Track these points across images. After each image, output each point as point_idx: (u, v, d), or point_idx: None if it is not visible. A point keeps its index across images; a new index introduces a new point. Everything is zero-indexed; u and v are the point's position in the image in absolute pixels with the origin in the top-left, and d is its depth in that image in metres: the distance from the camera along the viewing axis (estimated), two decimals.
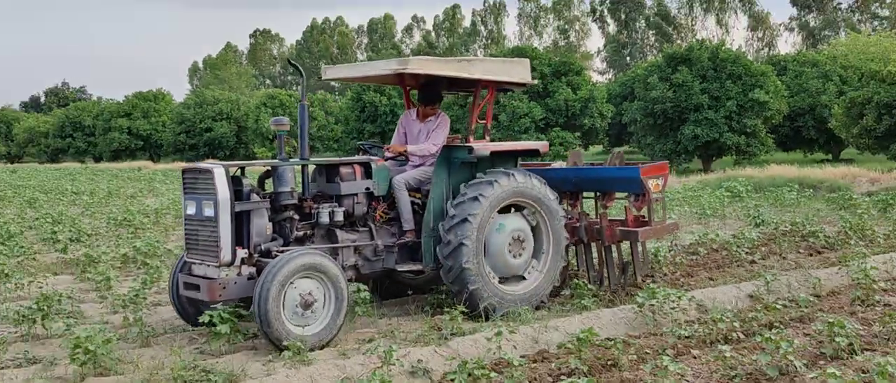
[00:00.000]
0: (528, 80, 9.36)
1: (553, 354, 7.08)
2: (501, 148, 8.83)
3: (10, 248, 13.86)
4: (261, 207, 7.91)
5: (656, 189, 9.40)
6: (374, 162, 8.66)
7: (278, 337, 7.00)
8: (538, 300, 8.83)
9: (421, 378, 6.50)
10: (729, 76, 36.17)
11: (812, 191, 22.03)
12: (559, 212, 9.06)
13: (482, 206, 8.15)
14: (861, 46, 52.89)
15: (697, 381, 6.26)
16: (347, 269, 8.19)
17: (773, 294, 8.91)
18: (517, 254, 8.65)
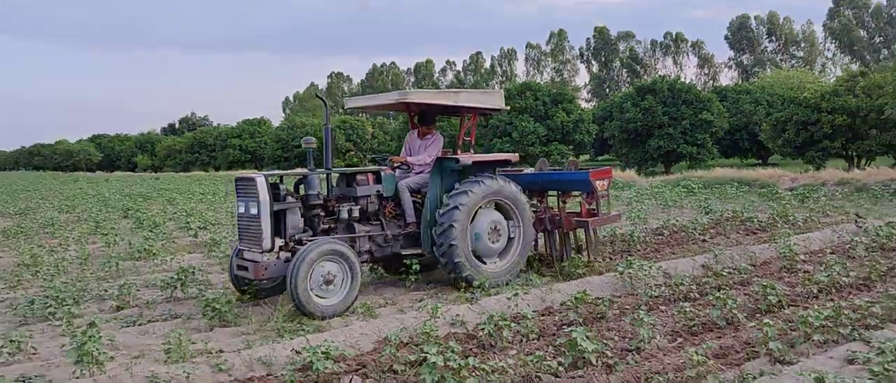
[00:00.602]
0: (501, 106, 9.09)
1: (556, 309, 7.10)
2: (480, 158, 8.50)
3: (155, 234, 14.10)
4: (294, 206, 7.75)
5: (602, 188, 9.12)
6: (383, 170, 8.49)
7: (305, 306, 6.92)
8: (513, 274, 8.56)
9: (459, 327, 6.54)
10: (683, 102, 35.94)
11: (747, 187, 21.83)
12: (527, 207, 8.78)
13: (468, 200, 7.94)
14: (783, 79, 52.65)
15: (665, 329, 6.24)
16: (363, 253, 8.04)
17: (720, 264, 8.87)
18: (495, 240, 8.37)
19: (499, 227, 8.42)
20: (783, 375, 5.00)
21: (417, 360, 5.39)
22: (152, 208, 22.52)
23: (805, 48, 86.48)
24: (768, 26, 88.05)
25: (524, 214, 8.63)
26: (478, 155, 8.52)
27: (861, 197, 17.61)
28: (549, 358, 5.27)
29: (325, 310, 7.04)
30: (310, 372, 5.04)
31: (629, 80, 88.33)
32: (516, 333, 6.11)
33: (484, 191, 8.15)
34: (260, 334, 6.66)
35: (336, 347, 5.36)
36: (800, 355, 5.45)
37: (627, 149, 37.50)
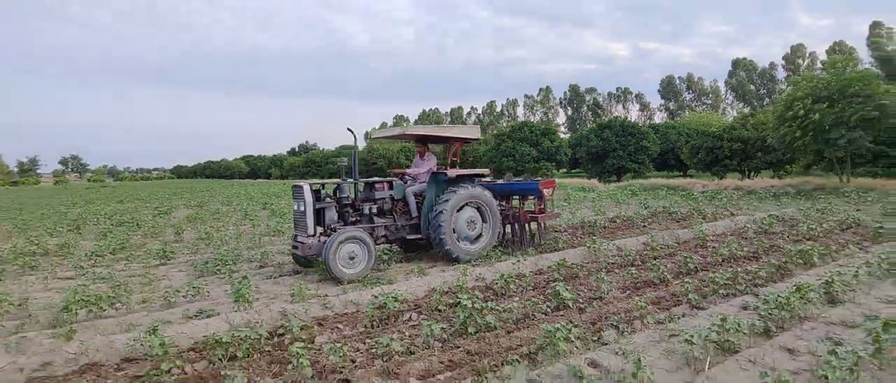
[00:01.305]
0: (478, 136, 8.76)
1: (545, 271, 6.99)
2: (462, 173, 8.09)
3: (283, 219, 14.25)
4: (331, 205, 7.52)
5: (548, 195, 8.72)
6: (395, 181, 8.28)
7: (334, 274, 6.72)
8: (486, 251, 8.12)
9: (480, 282, 6.49)
10: (629, 134, 35.29)
11: (672, 190, 21.35)
12: (496, 206, 8.34)
13: (451, 202, 7.68)
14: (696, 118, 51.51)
15: (618, 285, 6.13)
16: (380, 238, 7.76)
17: (655, 242, 8.65)
18: (472, 228, 8.01)
19: (475, 220, 8.06)
20: (698, 316, 4.91)
21: (454, 303, 5.40)
22: (281, 203, 22.84)
23: (711, 97, 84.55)
24: (687, 83, 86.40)
25: (494, 212, 8.24)
26: (460, 170, 8.19)
27: (751, 197, 17.13)
28: (541, 303, 5.25)
29: (349, 276, 6.81)
30: (384, 309, 5.08)
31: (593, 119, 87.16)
32: (519, 286, 6.07)
33: (463, 196, 7.84)
34: (351, 285, 6.69)
35: (400, 293, 5.40)
36: (710, 303, 5.33)
37: (592, 165, 36.88)
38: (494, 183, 9.37)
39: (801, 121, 17.04)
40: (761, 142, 25.31)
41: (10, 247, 10.08)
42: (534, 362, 3.97)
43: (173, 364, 3.95)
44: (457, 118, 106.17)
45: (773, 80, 76.78)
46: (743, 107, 74.99)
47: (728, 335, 3.99)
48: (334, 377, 3.77)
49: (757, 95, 78.52)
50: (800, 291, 4.74)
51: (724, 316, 4.07)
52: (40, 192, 49.11)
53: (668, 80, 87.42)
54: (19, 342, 4.74)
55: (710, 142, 28.21)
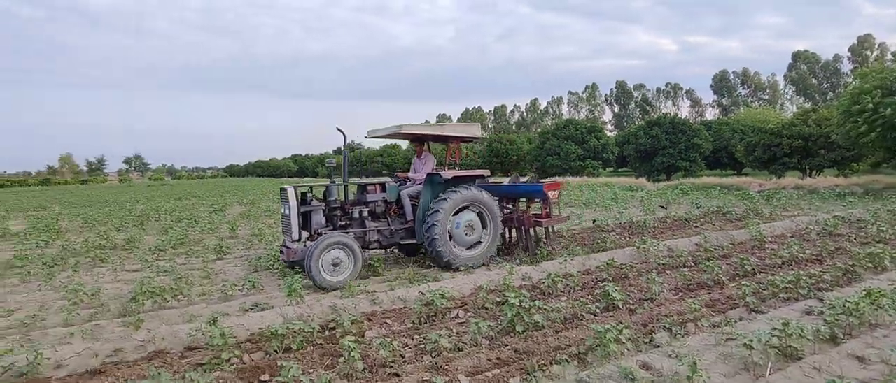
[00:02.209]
0: (478, 135, 8.09)
1: (593, 271, 6.89)
2: (458, 174, 7.54)
3: None
4: (318, 208, 7.22)
5: (554, 197, 7.98)
6: (388, 183, 7.85)
7: (317, 282, 6.36)
8: (485, 259, 7.56)
9: (527, 281, 6.46)
10: (680, 131, 34.12)
11: (726, 190, 20.51)
12: (497, 209, 7.72)
13: (446, 205, 7.19)
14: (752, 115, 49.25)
15: (670, 286, 5.97)
16: (373, 242, 7.42)
17: (708, 243, 8.35)
18: (469, 233, 7.44)
19: (473, 225, 7.49)
20: (757, 320, 4.71)
21: (501, 301, 5.40)
22: None
23: (769, 92, 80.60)
24: (742, 77, 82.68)
25: (494, 217, 7.63)
26: (456, 171, 7.64)
27: (813, 197, 16.25)
28: (589, 303, 5.17)
29: (333, 285, 6.39)
30: (431, 306, 5.14)
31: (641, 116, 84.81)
32: (566, 286, 6.01)
33: (459, 199, 7.32)
34: (397, 282, 6.78)
35: (447, 290, 5.44)
36: (769, 307, 5.10)
37: (640, 163, 35.85)
38: (500, 184, 8.91)
39: (870, 116, 16.04)
40: (824, 139, 23.98)
41: (83, 241, 10.79)
42: (583, 362, 3.93)
43: (233, 353, 4.14)
44: (500, 117, 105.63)
45: (838, 74, 72.43)
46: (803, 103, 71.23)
47: (790, 340, 3.81)
48: (384, 371, 3.84)
49: (819, 89, 74.33)
50: (870, 296, 4.47)
51: (786, 321, 3.89)
52: (107, 190, 52.25)
53: (722, 75, 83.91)
54: (93, 329, 5.09)
55: (768, 139, 26.91)
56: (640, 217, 12.23)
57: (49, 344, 4.51)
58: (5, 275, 8.01)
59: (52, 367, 4.14)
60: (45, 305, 6.14)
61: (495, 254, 7.90)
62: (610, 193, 19.68)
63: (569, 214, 9.49)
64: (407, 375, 3.74)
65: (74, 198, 34.53)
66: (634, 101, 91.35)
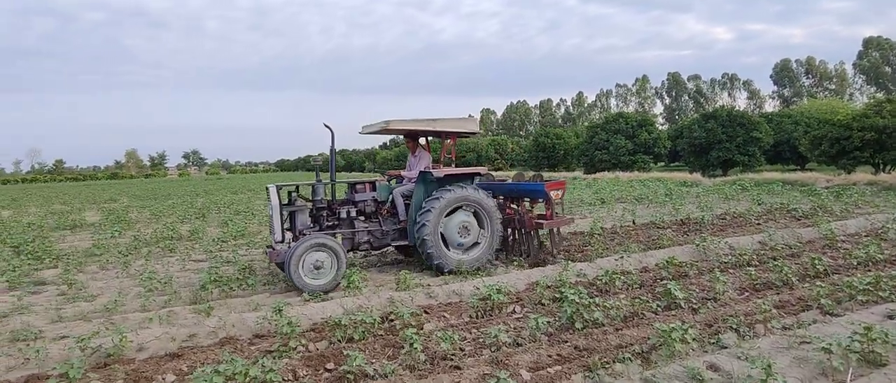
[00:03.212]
0: (476, 130, 7.47)
1: (651, 269, 6.73)
2: (451, 172, 7.09)
3: None
4: (304, 208, 6.93)
5: (556, 197, 7.34)
6: (378, 181, 7.50)
7: (299, 286, 6.06)
8: (481, 262, 7.10)
9: (582, 278, 6.36)
10: (738, 124, 32.58)
11: (790, 186, 19.46)
12: (495, 210, 7.23)
13: (438, 205, 6.75)
14: (817, 106, 46.53)
15: (734, 286, 5.75)
16: (363, 244, 7.08)
17: (773, 241, 7.98)
18: (464, 235, 6.98)
19: (468, 226, 7.03)
20: (832, 323, 4.47)
21: (557, 298, 5.36)
22: None
23: (836, 82, 75.73)
24: (806, 67, 78.05)
25: (492, 217, 7.15)
26: (449, 169, 7.19)
27: (889, 194, 15.18)
28: (650, 301, 5.06)
29: (314, 288, 6.06)
30: (487, 301, 5.16)
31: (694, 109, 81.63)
32: (624, 283, 5.89)
33: (451, 198, 6.86)
34: (452, 277, 6.82)
35: (504, 285, 5.45)
36: (845, 310, 4.83)
37: (694, 158, 34.49)
38: (503, 183, 8.41)
39: None
40: None
41: (152, 232, 11.45)
42: (647, 361, 3.85)
43: (299, 342, 4.30)
44: (546, 111, 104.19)
45: None
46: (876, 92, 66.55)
47: (874, 346, 3.60)
48: (445, 364, 3.90)
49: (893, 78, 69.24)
50: None
51: (869, 326, 3.68)
52: (168, 183, 55.10)
53: (784, 65, 79.58)
54: (168, 315, 5.41)
55: (836, 132, 25.32)
56: (696, 213, 11.81)
57: (130, 328, 4.82)
58: (86, 262, 8.60)
59: (135, 349, 4.44)
60: (123, 291, 6.56)
61: (493, 258, 7.39)
62: (663, 188, 19.08)
63: (573, 217, 8.73)
64: (467, 368, 3.78)
65: (140, 191, 36.60)
66: (687, 93, 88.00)
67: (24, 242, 10.35)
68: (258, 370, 3.42)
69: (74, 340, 4.42)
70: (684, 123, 41.22)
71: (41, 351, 4.27)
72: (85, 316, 5.59)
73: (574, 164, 46.08)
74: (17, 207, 22.82)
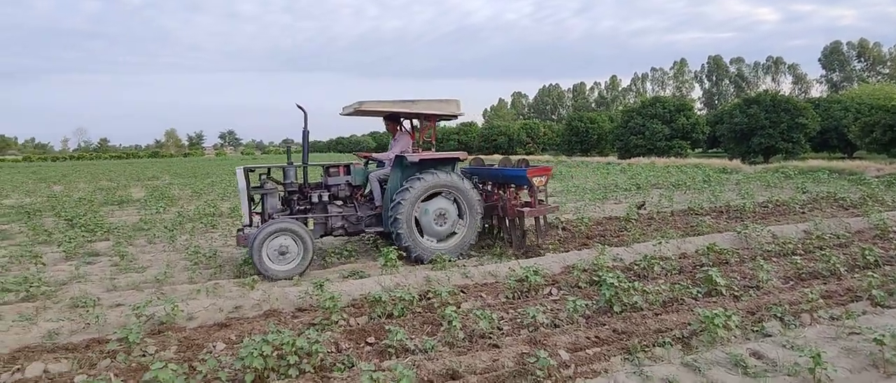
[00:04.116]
0: (457, 112, 6.97)
1: (691, 255, 6.61)
2: (427, 156, 6.67)
3: None
4: (274, 191, 6.69)
5: (540, 184, 6.95)
6: (353, 164, 7.17)
7: (263, 272, 5.89)
8: (461, 250, 6.79)
9: (619, 262, 6.31)
10: (783, 110, 31.26)
11: (837, 174, 18.67)
12: (474, 195, 6.83)
13: (411, 193, 6.45)
14: (869, 91, 44.28)
15: (778, 275, 5.61)
16: (337, 228, 6.79)
17: (819, 230, 7.72)
18: (441, 224, 6.66)
19: (445, 214, 6.69)
20: (885, 315, 4.33)
21: (595, 281, 5.34)
22: None
23: (891, 66, 71.70)
24: (858, 50, 74.12)
25: (471, 205, 6.79)
26: (425, 153, 6.80)
27: None
28: (690, 287, 4.99)
29: (279, 274, 5.91)
30: (524, 282, 5.19)
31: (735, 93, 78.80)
32: (662, 269, 5.82)
33: (429, 184, 6.56)
34: (486, 258, 6.86)
35: (540, 267, 5.46)
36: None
37: (734, 144, 33.36)
38: (487, 168, 7.93)
39: None
40: None
41: (195, 209, 11.85)
42: (688, 346, 3.82)
43: (340, 316, 4.43)
44: (579, 94, 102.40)
45: None
46: None
47: None
48: (484, 342, 3.96)
49: None
50: None
51: None
52: (206, 162, 56.67)
53: (834, 47, 75.82)
54: (215, 287, 5.63)
55: (890, 119, 24.11)
56: (737, 200, 11.49)
57: (180, 298, 5.05)
58: (135, 235, 9.00)
59: (185, 319, 4.65)
60: (170, 264, 6.85)
61: (471, 248, 7.03)
62: (701, 175, 18.60)
63: (557, 205, 8.25)
64: (506, 347, 3.83)
65: (180, 169, 37.79)
66: (728, 78, 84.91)
67: (77, 216, 10.87)
68: (304, 341, 3.54)
69: (130, 308, 4.67)
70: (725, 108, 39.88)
71: (100, 317, 4.53)
72: (137, 286, 5.87)
73: (608, 149, 45.29)
74: (68, 183, 23.91)
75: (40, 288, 5.51)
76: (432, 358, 3.64)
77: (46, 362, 3.80)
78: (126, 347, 3.90)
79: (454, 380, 3.38)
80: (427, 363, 3.53)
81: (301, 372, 3.48)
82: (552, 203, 7.55)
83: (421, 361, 3.56)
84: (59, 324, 4.43)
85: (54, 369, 3.73)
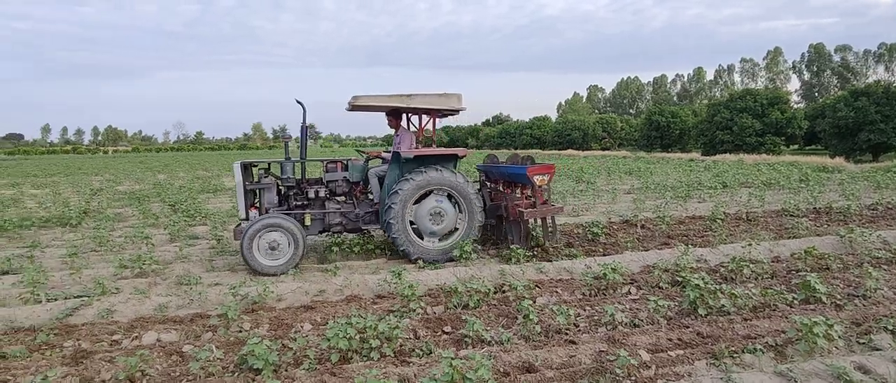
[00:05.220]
0: (458, 107, 6.59)
1: (786, 259, 6.16)
2: (422, 153, 6.41)
3: None
4: (271, 186, 6.58)
5: (541, 183, 6.51)
6: (351, 160, 6.93)
7: (254, 267, 5.87)
8: (456, 252, 6.31)
9: (703, 263, 6.03)
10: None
11: None
12: (472, 194, 6.47)
13: (407, 188, 6.21)
14: None
15: (890, 283, 5.10)
16: (335, 225, 6.65)
17: None
18: (436, 222, 6.37)
19: (441, 212, 6.39)
20: None
21: (677, 282, 5.13)
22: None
23: None
24: None
25: (470, 204, 6.46)
26: (420, 150, 6.52)
27: None
28: (784, 293, 4.67)
29: (269, 270, 5.88)
30: (602, 280, 5.08)
31: (839, 85, 71.71)
32: (752, 272, 5.47)
33: (424, 181, 6.29)
34: (560, 255, 6.70)
35: (619, 265, 5.31)
36: None
37: (837, 140, 30.48)
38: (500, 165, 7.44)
39: None
40: None
41: None
42: (782, 355, 3.59)
43: (418, 304, 4.57)
44: (660, 87, 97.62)
45: None
46: None
47: None
48: (560, 337, 3.93)
49: None
50: None
51: None
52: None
53: None
54: (301, 272, 5.98)
55: None
56: (840, 202, 10.52)
57: (270, 280, 5.41)
58: (229, 221, 9.71)
59: (275, 299, 4.98)
60: None
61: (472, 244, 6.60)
62: (797, 174, 17.19)
63: (562, 205, 7.65)
64: (583, 344, 3.78)
65: None
66: (831, 68, 77.36)
67: (179, 202, 11.89)
68: (385, 326, 3.69)
69: (227, 287, 5.07)
70: (827, 102, 36.48)
71: (202, 294, 4.95)
72: (231, 267, 6.35)
73: (691, 145, 42.95)
74: (169, 172, 26.17)
75: (151, 265, 6.11)
76: (508, 350, 3.66)
77: (159, 332, 4.22)
78: (225, 322, 4.25)
79: (530, 373, 3.39)
80: (503, 354, 3.57)
81: (382, 355, 3.63)
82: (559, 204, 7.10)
83: (497, 352, 3.60)
84: (168, 299, 4.90)
85: (165, 338, 4.14)
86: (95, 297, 4.92)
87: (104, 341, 4.08)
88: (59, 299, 5.01)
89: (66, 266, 6.46)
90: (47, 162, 52.34)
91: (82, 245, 7.71)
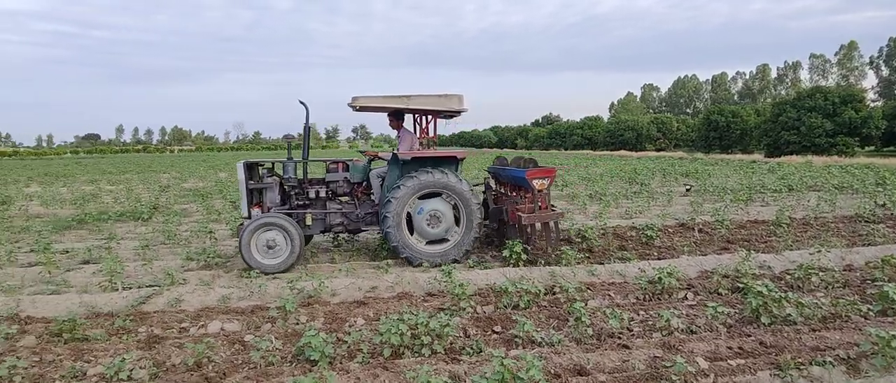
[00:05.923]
0: (460, 108, 6.47)
1: (860, 268, 5.77)
2: (420, 154, 6.31)
3: None
4: (273, 185, 6.57)
5: (541, 187, 6.29)
6: (352, 161, 6.88)
7: (252, 265, 5.90)
8: (453, 257, 6.30)
9: (766, 269, 5.73)
10: None
11: None
12: (471, 198, 6.33)
13: (404, 191, 6.14)
14: None
15: None
16: (336, 225, 6.61)
17: None
18: (434, 226, 6.29)
19: (440, 216, 6.31)
20: None
21: (737, 288, 4.92)
22: None
23: None
24: None
25: (468, 207, 6.33)
26: (418, 151, 6.42)
27: None
28: (857, 303, 4.38)
29: (268, 268, 5.92)
30: (657, 284, 4.93)
31: None
32: (822, 281, 5.16)
33: (418, 184, 6.19)
34: (611, 258, 6.58)
35: (675, 270, 5.15)
36: None
37: None
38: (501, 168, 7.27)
39: None
40: None
41: None
42: (855, 369, 3.37)
43: (468, 303, 4.59)
44: (719, 85, 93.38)
45: None
46: None
47: None
48: (613, 341, 3.85)
49: None
50: None
51: None
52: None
53: None
54: (353, 269, 6.13)
55: None
56: None
57: (325, 276, 5.58)
58: None
59: (329, 294, 5.14)
60: (314, 245, 7.58)
61: (470, 251, 6.50)
62: (873, 177, 16.02)
63: (563, 211, 7.32)
64: (636, 349, 3.69)
65: None
66: None
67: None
68: (436, 323, 3.74)
69: (285, 281, 5.27)
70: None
71: (261, 287, 5.18)
72: None
73: (753, 146, 40.88)
74: (230, 170, 27.40)
75: (215, 258, 6.44)
76: (559, 352, 3.63)
77: (222, 321, 4.45)
78: (283, 314, 4.43)
79: (582, 376, 3.35)
80: (554, 356, 3.54)
81: (433, 352, 3.68)
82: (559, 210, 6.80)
83: (548, 354, 3.57)
84: (230, 291, 5.15)
85: (229, 328, 4.36)
86: (165, 287, 5.24)
87: (174, 328, 4.34)
88: (134, 288, 5.36)
89: (138, 257, 6.91)
90: (121, 160, 56.05)
91: (153, 238, 8.22)
